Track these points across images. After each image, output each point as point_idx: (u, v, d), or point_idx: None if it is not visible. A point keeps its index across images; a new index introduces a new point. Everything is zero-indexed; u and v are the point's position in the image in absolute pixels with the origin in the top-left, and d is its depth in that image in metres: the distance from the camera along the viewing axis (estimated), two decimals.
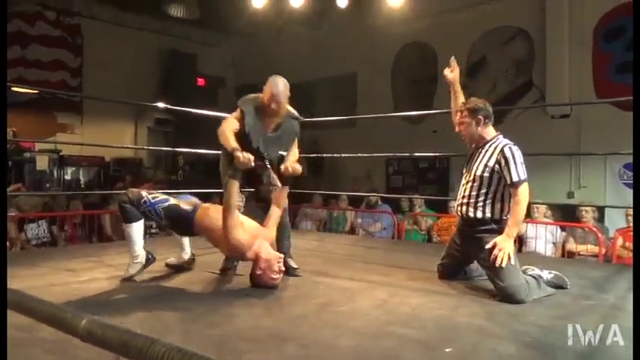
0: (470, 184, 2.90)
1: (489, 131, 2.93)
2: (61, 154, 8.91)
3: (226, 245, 2.83)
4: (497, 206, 2.83)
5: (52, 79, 8.95)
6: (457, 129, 3.02)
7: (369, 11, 8.72)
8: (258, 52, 10.86)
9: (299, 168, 3.11)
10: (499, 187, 2.81)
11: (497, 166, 2.78)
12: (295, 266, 3.28)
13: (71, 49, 9.30)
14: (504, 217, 2.83)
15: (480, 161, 2.86)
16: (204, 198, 7.45)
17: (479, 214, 2.84)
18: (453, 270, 3.12)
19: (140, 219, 2.94)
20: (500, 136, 2.92)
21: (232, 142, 2.90)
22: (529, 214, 5.61)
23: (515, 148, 2.79)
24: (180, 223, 2.99)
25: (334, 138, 8.76)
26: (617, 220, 5.77)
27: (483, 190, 2.83)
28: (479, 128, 2.90)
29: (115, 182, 8.79)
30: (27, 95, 8.24)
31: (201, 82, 10.80)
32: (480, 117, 2.89)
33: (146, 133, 10.39)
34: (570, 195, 6.99)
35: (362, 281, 3.11)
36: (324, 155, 5.53)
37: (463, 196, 2.94)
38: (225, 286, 2.98)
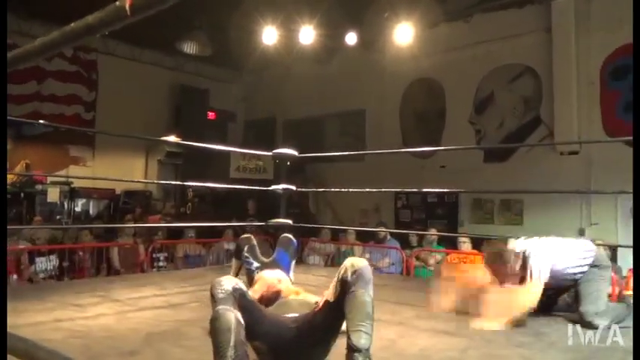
0: None
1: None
2: (72, 186, 9.00)
3: None
4: None
5: (66, 112, 9.13)
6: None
7: (377, 49, 8.89)
8: (269, 88, 11.07)
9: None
10: None
11: None
12: None
13: (86, 84, 9.51)
14: None
15: None
16: (213, 232, 7.46)
17: None
18: None
19: None
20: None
21: None
22: None
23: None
24: None
25: (343, 172, 8.79)
26: (630, 259, 5.65)
27: None
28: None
29: (124, 214, 8.83)
30: (41, 128, 8.38)
31: (211, 115, 10.98)
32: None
33: (157, 166, 10.51)
34: (581, 232, 6.89)
35: None
36: (333, 190, 5.55)
37: None
38: None
